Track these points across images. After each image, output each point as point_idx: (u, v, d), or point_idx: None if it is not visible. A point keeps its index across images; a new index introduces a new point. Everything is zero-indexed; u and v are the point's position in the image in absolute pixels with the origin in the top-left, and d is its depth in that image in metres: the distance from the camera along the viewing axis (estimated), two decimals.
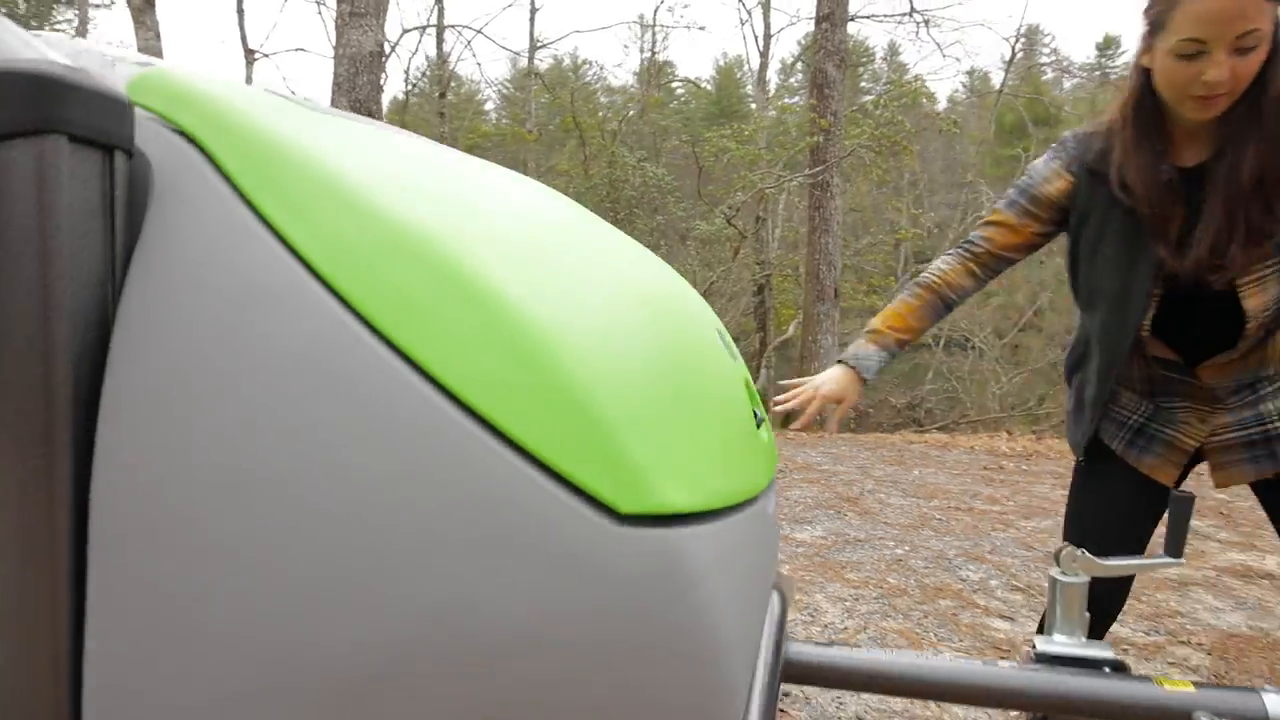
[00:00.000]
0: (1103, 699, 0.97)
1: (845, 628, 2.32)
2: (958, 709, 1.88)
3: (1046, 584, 1.09)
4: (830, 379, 1.39)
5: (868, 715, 1.83)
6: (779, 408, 1.42)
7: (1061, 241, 1.37)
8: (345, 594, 0.55)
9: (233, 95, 0.62)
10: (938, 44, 12.15)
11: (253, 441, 0.54)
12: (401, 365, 0.57)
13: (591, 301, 0.71)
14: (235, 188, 0.58)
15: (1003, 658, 2.17)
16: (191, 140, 0.60)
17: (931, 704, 1.90)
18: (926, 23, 10.28)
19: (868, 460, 5.18)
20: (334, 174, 0.60)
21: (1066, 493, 1.42)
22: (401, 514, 0.56)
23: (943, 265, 1.39)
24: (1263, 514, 1.28)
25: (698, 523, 0.68)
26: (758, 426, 0.89)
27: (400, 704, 0.56)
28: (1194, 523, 3.57)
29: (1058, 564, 1.08)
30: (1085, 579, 1.07)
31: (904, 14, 10.15)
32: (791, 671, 1.03)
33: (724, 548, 0.72)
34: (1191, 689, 0.96)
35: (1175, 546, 1.08)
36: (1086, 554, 1.07)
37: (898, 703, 1.92)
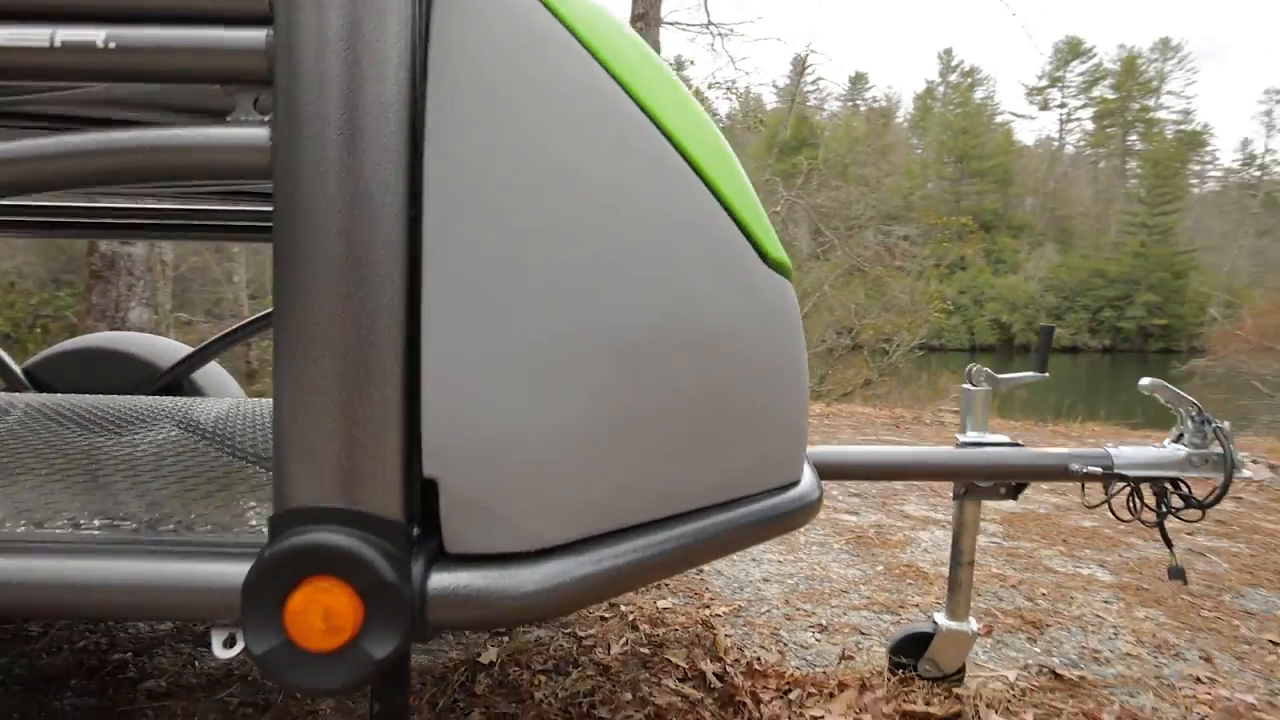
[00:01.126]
0: (1017, 463, 1.32)
1: None
2: (837, 567, 2.25)
3: (963, 396, 1.42)
4: None
5: (770, 577, 2.13)
6: None
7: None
8: (621, 280, 0.70)
9: None
10: (731, 56, 13.30)
11: (548, 158, 0.67)
12: (665, 141, 0.74)
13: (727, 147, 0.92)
14: None
15: (857, 539, 2.59)
16: None
17: (817, 565, 2.25)
18: (723, 35, 11.21)
19: None
20: None
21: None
22: (661, 229, 0.73)
23: None
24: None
25: (792, 286, 0.92)
26: None
27: (651, 367, 0.73)
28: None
29: (969, 380, 1.43)
30: (988, 388, 1.42)
31: (704, 24, 11.01)
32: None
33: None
34: (1065, 449, 1.33)
35: (1041, 365, 1.47)
36: (986, 370, 1.42)
37: (795, 566, 2.24)
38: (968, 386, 1.43)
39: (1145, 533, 2.87)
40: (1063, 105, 56.30)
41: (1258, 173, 53.51)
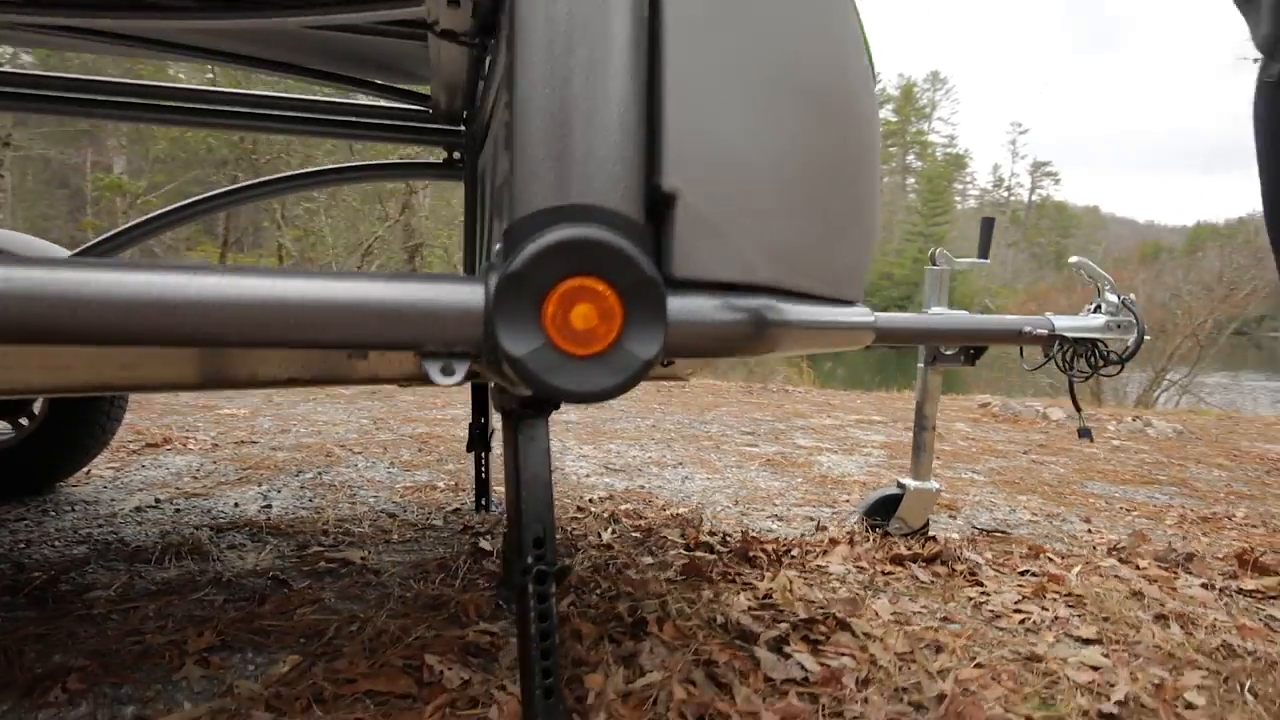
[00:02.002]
0: (982, 327, 1.49)
1: (650, 457, 2.68)
2: (762, 480, 2.37)
3: (927, 275, 1.58)
4: None
5: (709, 489, 2.21)
6: None
7: None
8: (816, 39, 0.75)
9: None
10: None
11: None
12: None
13: None
14: None
15: (768, 462, 2.74)
16: None
17: (745, 480, 2.37)
18: None
19: None
20: None
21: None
22: (838, 25, 0.78)
23: None
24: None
25: None
26: None
27: (829, 127, 0.78)
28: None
29: (933, 263, 1.58)
30: (948, 268, 1.58)
31: None
32: None
33: None
34: (1016, 316, 1.52)
35: (984, 251, 1.66)
36: (947, 253, 1.59)
37: (725, 480, 2.34)
38: (930, 267, 1.59)
39: (995, 452, 3.30)
40: None
41: (1006, 193, 62.54)
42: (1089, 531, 1.90)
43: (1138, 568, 1.51)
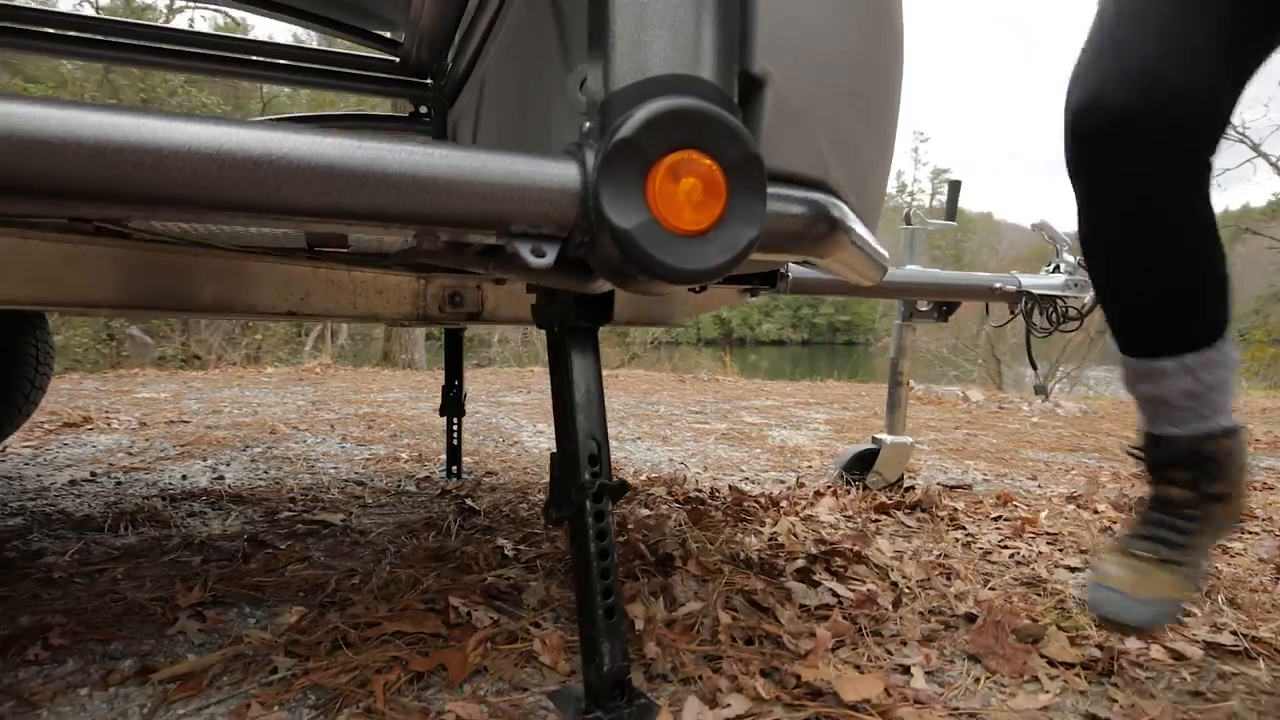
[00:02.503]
0: (958, 283, 1.54)
1: (615, 434, 2.66)
2: (723, 451, 2.39)
3: (902, 234, 1.62)
4: None
5: (676, 459, 2.21)
6: None
7: None
8: None
9: None
10: None
11: None
12: None
13: None
14: None
15: (723, 436, 2.77)
16: None
17: (707, 451, 2.37)
18: None
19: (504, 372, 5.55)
20: None
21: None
22: None
23: None
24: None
25: None
26: None
27: (884, 45, 0.78)
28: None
29: (907, 221, 1.63)
30: (923, 228, 1.63)
31: None
32: None
33: None
34: (986, 274, 1.58)
35: (950, 214, 1.72)
36: (920, 213, 1.63)
37: (686, 450, 2.34)
38: (904, 226, 1.64)
39: (930, 427, 3.44)
40: None
41: (909, 198, 65.54)
42: (1038, 487, 2.00)
43: (1097, 511, 1.60)
